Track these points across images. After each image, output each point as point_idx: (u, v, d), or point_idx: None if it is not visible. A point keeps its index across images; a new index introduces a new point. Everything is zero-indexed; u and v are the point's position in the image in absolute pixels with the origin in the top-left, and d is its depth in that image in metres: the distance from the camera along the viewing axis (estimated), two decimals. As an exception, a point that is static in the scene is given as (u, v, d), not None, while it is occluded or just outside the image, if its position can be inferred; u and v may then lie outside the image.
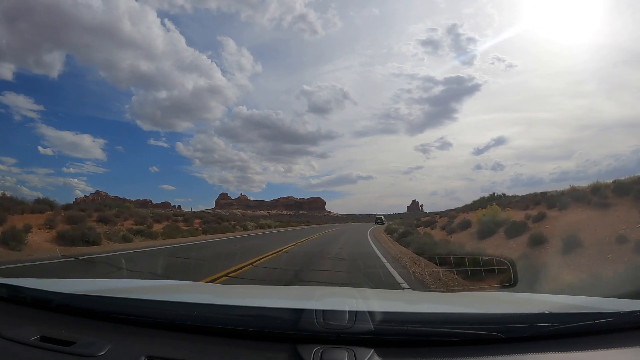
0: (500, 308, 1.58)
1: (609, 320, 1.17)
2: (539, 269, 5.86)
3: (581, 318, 1.19)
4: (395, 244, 14.64)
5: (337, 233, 24.52)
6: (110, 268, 6.85)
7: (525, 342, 1.11)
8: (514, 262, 3.83)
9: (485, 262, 5.50)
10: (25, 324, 1.23)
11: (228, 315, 1.22)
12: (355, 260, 8.82)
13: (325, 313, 1.11)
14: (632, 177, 13.24)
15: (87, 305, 1.31)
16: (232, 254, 9.28)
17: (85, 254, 8.85)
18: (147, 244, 12.74)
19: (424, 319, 1.21)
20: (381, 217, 63.75)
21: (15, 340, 1.13)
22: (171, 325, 1.19)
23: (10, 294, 1.43)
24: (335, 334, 1.08)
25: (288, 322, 1.13)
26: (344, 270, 7.28)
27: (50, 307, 1.32)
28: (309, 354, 1.03)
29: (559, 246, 8.18)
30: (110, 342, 1.11)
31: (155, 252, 9.95)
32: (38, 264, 7.10)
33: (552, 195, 16.22)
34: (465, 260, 6.33)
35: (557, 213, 12.97)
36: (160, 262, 7.65)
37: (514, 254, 8.40)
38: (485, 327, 1.12)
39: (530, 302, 1.75)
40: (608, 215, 10.18)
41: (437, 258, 7.96)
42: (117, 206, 21.40)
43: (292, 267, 7.48)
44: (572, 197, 13.73)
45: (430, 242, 11.80)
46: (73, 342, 1.12)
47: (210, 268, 7.04)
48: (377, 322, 1.09)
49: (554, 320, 1.16)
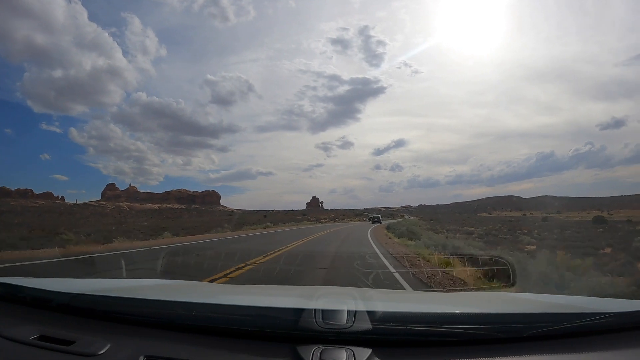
0: (500, 308, 1.59)
1: (609, 320, 1.18)
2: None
3: (581, 318, 1.19)
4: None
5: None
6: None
7: (525, 342, 1.11)
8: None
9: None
10: (24, 324, 1.24)
11: (227, 315, 1.23)
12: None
13: (324, 313, 1.11)
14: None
15: (86, 304, 1.31)
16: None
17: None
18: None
19: (423, 318, 1.20)
20: (378, 215, 58.23)
21: (14, 340, 1.14)
22: (170, 325, 1.21)
23: (9, 294, 1.44)
24: (334, 334, 1.09)
25: (287, 322, 1.14)
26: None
27: (50, 307, 1.33)
28: (308, 353, 1.03)
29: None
30: (109, 341, 1.12)
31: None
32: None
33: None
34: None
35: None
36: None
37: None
38: (485, 327, 1.13)
39: (530, 302, 1.76)
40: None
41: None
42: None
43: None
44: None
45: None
46: (72, 341, 1.13)
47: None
48: (376, 322, 1.09)
49: (553, 321, 1.18)
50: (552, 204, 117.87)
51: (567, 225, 38.27)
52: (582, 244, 17.66)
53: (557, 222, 47.77)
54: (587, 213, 79.23)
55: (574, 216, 67.54)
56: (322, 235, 19.97)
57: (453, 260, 7.16)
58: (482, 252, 8.35)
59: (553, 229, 32.04)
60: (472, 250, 9.92)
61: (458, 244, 12.58)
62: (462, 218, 66.86)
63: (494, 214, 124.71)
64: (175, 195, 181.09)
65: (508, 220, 56.26)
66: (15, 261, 7.25)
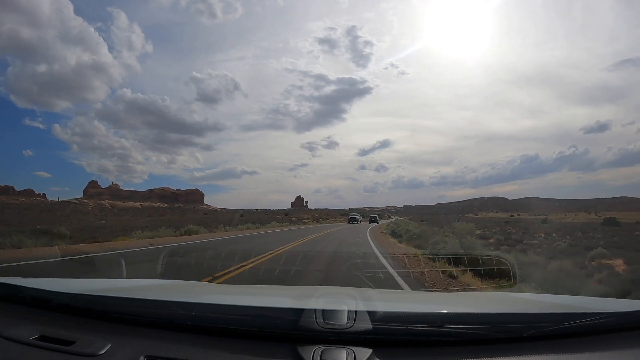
0: (500, 308, 1.58)
1: (609, 320, 1.18)
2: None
3: (581, 318, 1.18)
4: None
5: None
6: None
7: (525, 342, 1.11)
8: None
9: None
10: (24, 324, 1.23)
11: (227, 315, 1.22)
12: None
13: (325, 313, 1.11)
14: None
15: (86, 304, 1.31)
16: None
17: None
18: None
19: (423, 318, 1.20)
20: (375, 216, 57.61)
21: (14, 340, 1.14)
22: (171, 325, 1.20)
23: (9, 294, 1.43)
24: (335, 334, 1.08)
25: (288, 322, 1.13)
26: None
27: (50, 307, 1.33)
28: (309, 354, 1.03)
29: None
30: (109, 341, 1.11)
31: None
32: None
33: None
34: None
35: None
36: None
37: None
38: (485, 327, 1.13)
39: (530, 302, 1.75)
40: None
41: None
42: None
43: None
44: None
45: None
46: (73, 341, 1.13)
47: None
48: (376, 322, 1.09)
49: (553, 321, 1.17)
50: (538, 206, 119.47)
51: (573, 227, 36.33)
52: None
53: (560, 224, 45.93)
54: (575, 215, 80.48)
55: (566, 217, 67.86)
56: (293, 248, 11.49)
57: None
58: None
59: (572, 232, 29.43)
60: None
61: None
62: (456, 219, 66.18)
63: (480, 215, 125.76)
64: (158, 194, 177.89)
65: (504, 221, 55.29)
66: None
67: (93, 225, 29.97)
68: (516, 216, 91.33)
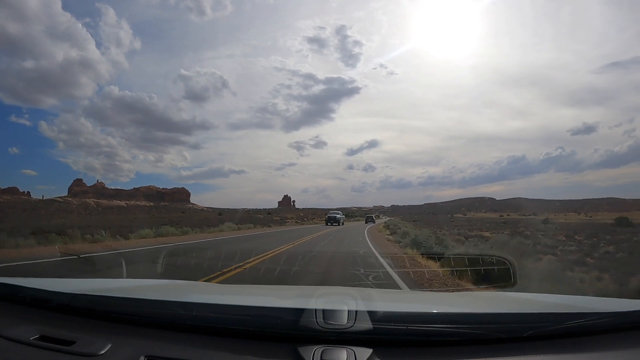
0: (500, 308, 1.58)
1: (609, 320, 1.18)
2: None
3: (581, 318, 1.19)
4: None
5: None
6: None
7: (525, 342, 1.11)
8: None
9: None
10: (24, 324, 1.23)
11: (228, 315, 1.22)
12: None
13: (325, 313, 1.10)
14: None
15: (87, 304, 1.30)
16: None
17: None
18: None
19: (424, 318, 1.20)
20: (371, 215, 58.10)
21: (15, 340, 1.14)
22: (171, 325, 1.20)
23: (10, 294, 1.43)
24: (335, 334, 1.08)
25: (288, 322, 1.13)
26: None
27: (50, 307, 1.32)
28: (309, 353, 1.03)
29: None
30: (110, 341, 1.11)
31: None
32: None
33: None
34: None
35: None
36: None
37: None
38: (485, 327, 1.13)
39: (530, 302, 1.74)
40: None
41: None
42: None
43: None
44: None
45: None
46: (73, 341, 1.12)
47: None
48: (377, 322, 1.09)
49: (553, 320, 1.18)
50: (526, 206, 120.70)
51: (578, 228, 34.18)
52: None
53: (560, 224, 44.82)
54: (565, 215, 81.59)
55: (557, 218, 68.23)
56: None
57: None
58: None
59: (592, 234, 26.07)
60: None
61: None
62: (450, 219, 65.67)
63: (469, 215, 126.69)
64: (144, 192, 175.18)
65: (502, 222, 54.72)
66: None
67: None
68: (506, 216, 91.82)
